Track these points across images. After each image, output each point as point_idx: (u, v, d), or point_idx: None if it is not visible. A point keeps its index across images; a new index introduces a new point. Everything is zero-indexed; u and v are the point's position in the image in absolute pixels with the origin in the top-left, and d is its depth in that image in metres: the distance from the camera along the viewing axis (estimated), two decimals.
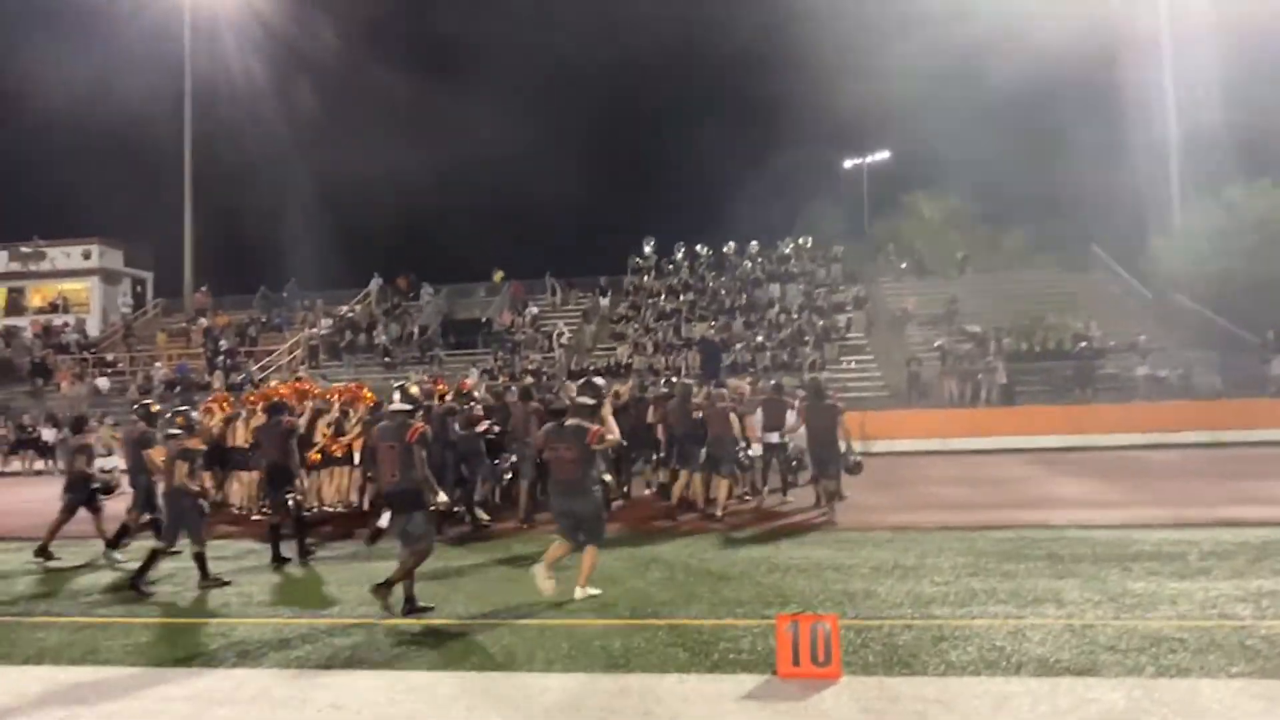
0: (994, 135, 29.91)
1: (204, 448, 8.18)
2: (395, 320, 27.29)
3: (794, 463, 11.73)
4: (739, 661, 4.74)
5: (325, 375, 22.78)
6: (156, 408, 9.00)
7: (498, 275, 30.48)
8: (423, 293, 29.77)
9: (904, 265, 27.95)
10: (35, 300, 31.28)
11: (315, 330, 26.49)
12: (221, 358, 24.14)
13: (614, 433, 6.40)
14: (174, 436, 7.35)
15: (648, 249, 28.81)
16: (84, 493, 8.68)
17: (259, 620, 6.14)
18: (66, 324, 29.12)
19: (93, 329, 29.85)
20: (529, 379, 15.87)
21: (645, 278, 27.74)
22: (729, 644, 5.03)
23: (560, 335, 24.20)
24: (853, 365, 22.65)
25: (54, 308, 30.65)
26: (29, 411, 21.89)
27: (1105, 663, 4.51)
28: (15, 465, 20.12)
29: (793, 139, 42.32)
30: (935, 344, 22.31)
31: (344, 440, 10.76)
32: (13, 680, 4.89)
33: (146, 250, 33.30)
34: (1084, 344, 21.08)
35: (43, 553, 8.38)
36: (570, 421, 6.28)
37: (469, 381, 12.79)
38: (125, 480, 8.74)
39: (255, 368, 23.92)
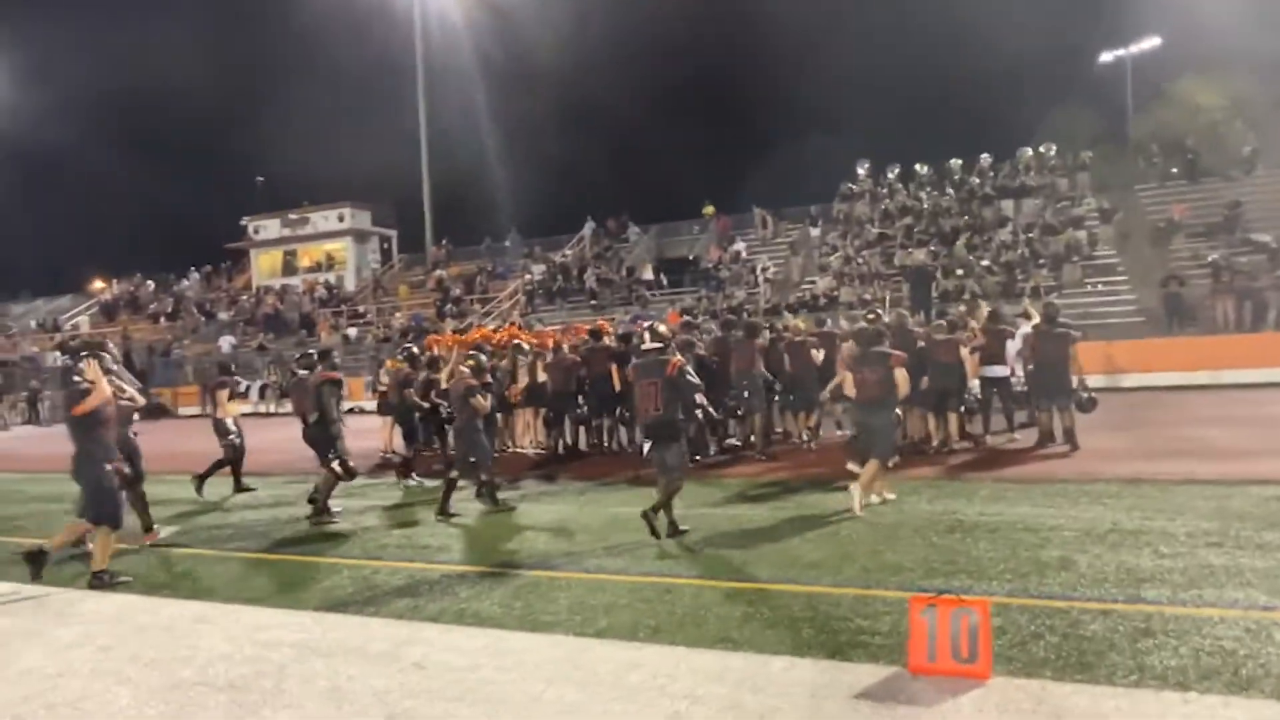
0: None
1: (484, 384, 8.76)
2: (605, 262, 28.31)
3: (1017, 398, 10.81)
4: (869, 646, 3.99)
5: (541, 319, 24.35)
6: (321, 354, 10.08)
7: (708, 209, 30.17)
8: (630, 233, 30.55)
9: (1174, 170, 23.98)
10: (304, 261, 36.14)
11: (529, 277, 28.21)
12: (449, 306, 26.53)
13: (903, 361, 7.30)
14: (463, 376, 8.31)
15: (861, 172, 27.18)
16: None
17: (413, 565, 6.41)
18: (328, 280, 33.51)
19: (350, 284, 34.07)
20: (730, 317, 15.81)
21: (857, 204, 26.32)
22: (864, 623, 4.31)
23: (765, 270, 23.78)
24: (1099, 287, 20.06)
25: (318, 267, 35.30)
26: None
27: None
28: (287, 407, 23.64)
29: (1032, 32, 37.37)
30: (1209, 258, 19.11)
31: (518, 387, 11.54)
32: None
33: (391, 210, 37.11)
34: None
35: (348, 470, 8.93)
36: (874, 349, 7.26)
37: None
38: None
39: (480, 314, 26.08)
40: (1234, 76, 26.12)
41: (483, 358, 9.15)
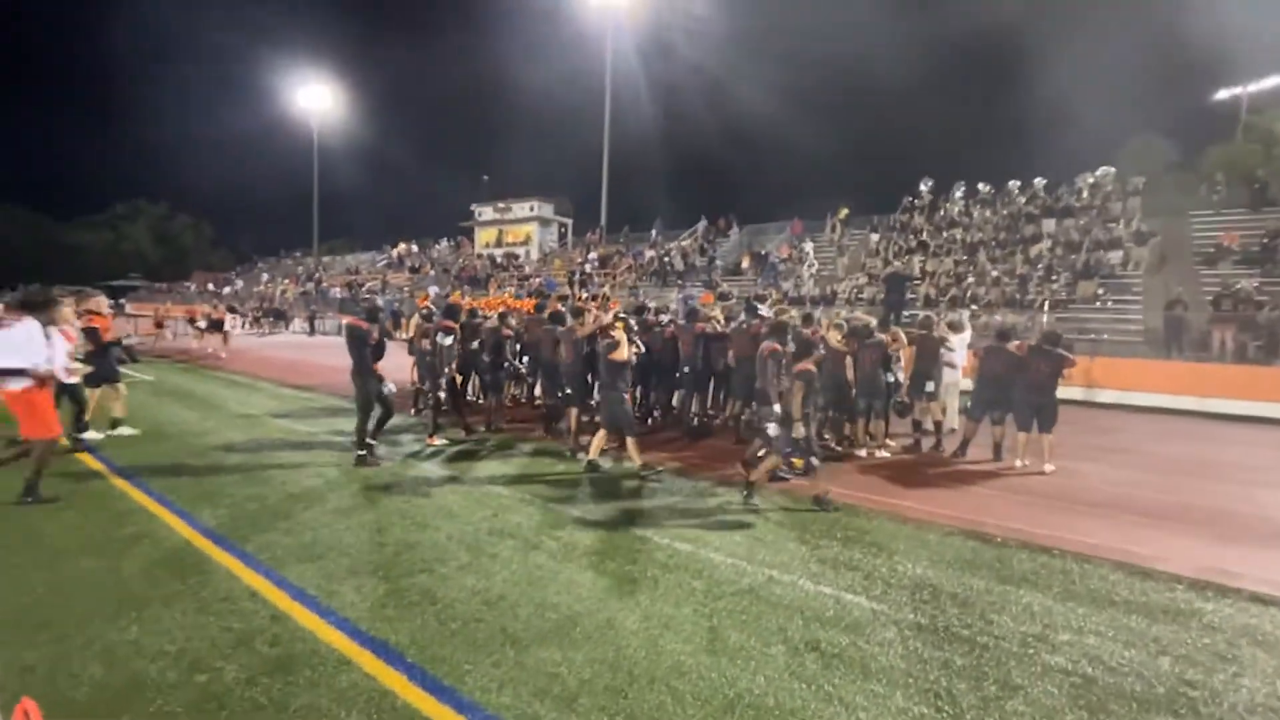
0: None
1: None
2: (701, 254, 27.72)
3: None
4: None
5: (637, 292, 24.52)
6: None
7: (843, 211, 27.06)
8: (733, 230, 29.57)
9: (1216, 195, 18.99)
10: (510, 238, 38.77)
11: (637, 260, 28.32)
12: (578, 276, 27.40)
13: None
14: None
15: (924, 188, 24.26)
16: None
17: None
18: (518, 255, 35.80)
19: (534, 257, 36.18)
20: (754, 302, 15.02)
21: (914, 216, 23.52)
22: None
23: (811, 266, 22.12)
24: (1108, 305, 16.57)
25: (514, 243, 37.80)
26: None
27: None
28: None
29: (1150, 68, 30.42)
30: (1236, 284, 15.08)
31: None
32: None
33: (568, 202, 38.74)
34: None
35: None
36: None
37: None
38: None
39: (599, 285, 26.72)
40: None
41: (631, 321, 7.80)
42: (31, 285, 9.19)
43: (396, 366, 8.47)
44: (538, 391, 10.14)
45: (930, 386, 8.19)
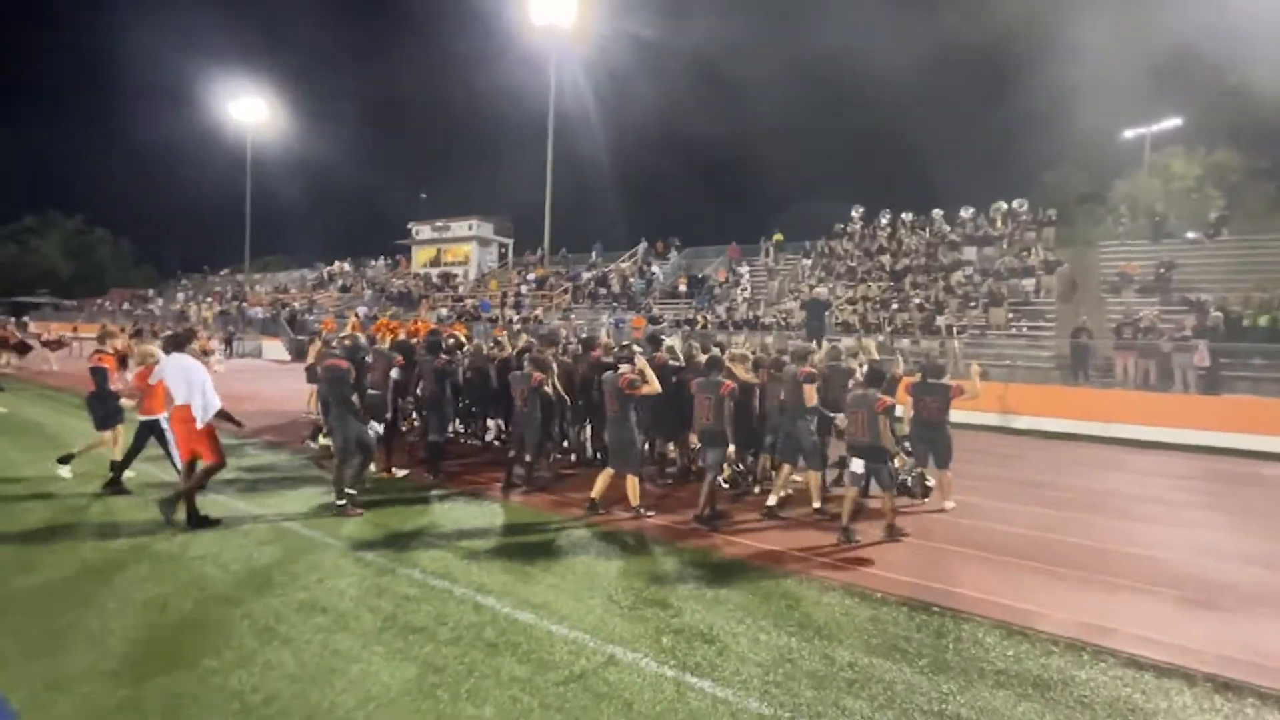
0: None
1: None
2: (641, 277, 27.41)
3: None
4: None
5: (571, 315, 23.94)
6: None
7: (777, 236, 27.09)
8: (671, 253, 29.39)
9: (1120, 227, 19.86)
10: (449, 257, 37.69)
11: (571, 283, 27.82)
12: (514, 298, 26.70)
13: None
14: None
15: (855, 215, 24.64)
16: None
17: None
18: (455, 275, 34.78)
19: (471, 277, 35.20)
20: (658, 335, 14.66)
21: (842, 242, 23.81)
22: None
23: (743, 290, 22.07)
24: (1023, 331, 16.94)
25: (452, 262, 36.77)
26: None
27: None
28: None
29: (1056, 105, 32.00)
30: (1139, 313, 15.61)
31: None
32: None
33: (508, 222, 37.94)
34: None
35: None
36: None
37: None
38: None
39: (534, 308, 26.05)
40: (1220, 148, 21.09)
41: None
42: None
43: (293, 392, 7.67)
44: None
45: (843, 421, 7.85)
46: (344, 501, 6.32)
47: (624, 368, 6.59)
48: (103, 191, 75.50)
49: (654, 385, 6.41)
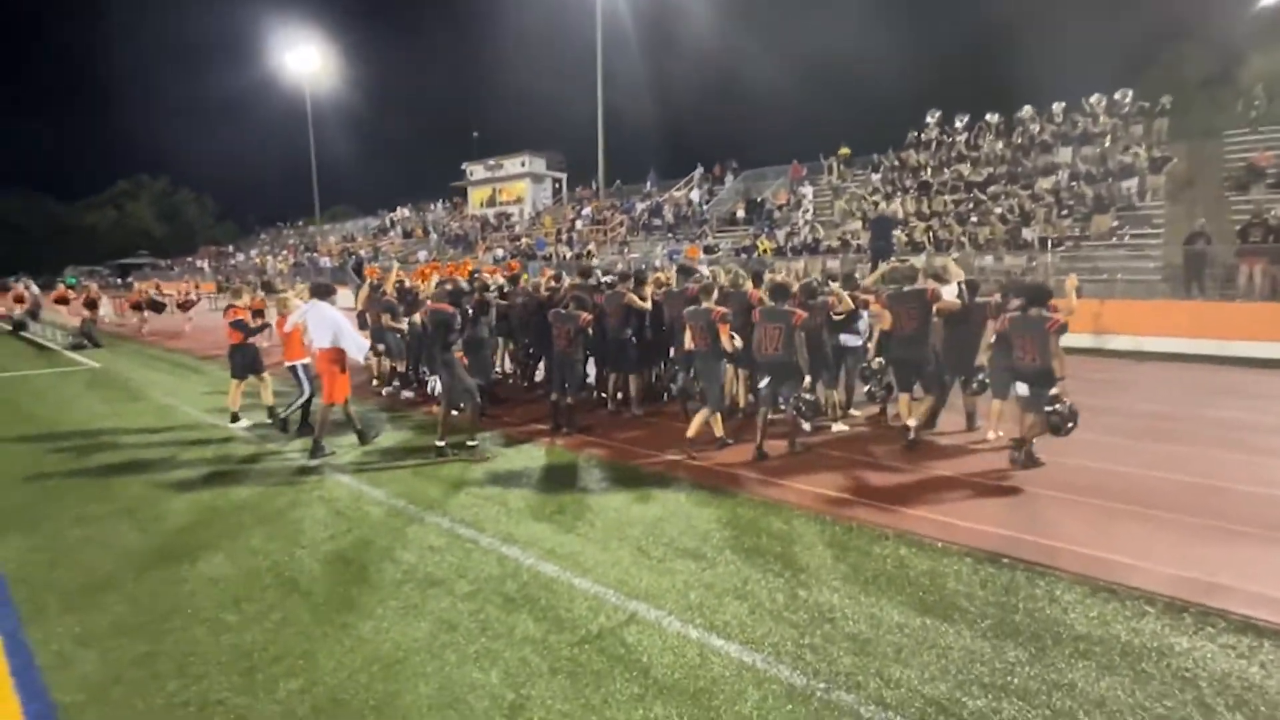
0: None
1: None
2: (701, 203, 26.23)
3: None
4: None
5: (626, 248, 23.34)
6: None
7: (843, 150, 24.85)
8: (727, 178, 27.90)
9: (1254, 112, 16.96)
10: (504, 196, 37.46)
11: (628, 214, 26.97)
12: (568, 235, 26.23)
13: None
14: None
15: (930, 120, 22.30)
16: None
17: None
18: (511, 214, 34.54)
19: (526, 215, 34.89)
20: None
21: (915, 153, 21.70)
22: None
23: (805, 212, 20.68)
24: (1126, 240, 15.04)
25: (507, 202, 36.48)
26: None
27: None
28: None
29: None
30: (1270, 211, 13.46)
31: None
32: None
33: (561, 156, 37.10)
34: None
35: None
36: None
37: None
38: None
39: (590, 243, 25.54)
40: None
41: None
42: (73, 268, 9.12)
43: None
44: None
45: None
46: (474, 443, 6.39)
47: (707, 302, 6.30)
48: (182, 152, 79.08)
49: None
